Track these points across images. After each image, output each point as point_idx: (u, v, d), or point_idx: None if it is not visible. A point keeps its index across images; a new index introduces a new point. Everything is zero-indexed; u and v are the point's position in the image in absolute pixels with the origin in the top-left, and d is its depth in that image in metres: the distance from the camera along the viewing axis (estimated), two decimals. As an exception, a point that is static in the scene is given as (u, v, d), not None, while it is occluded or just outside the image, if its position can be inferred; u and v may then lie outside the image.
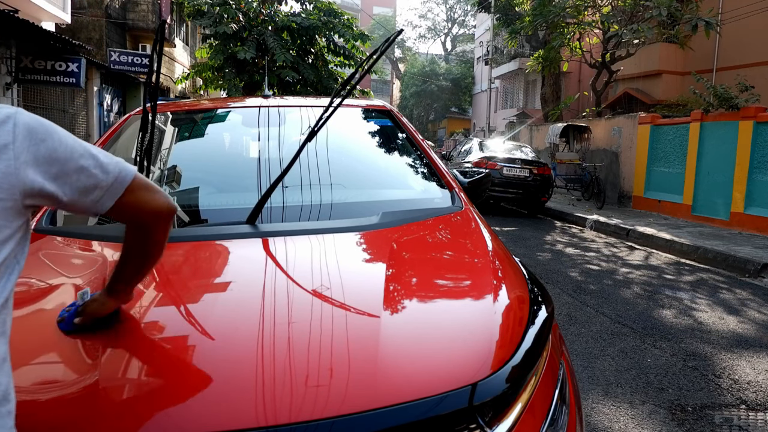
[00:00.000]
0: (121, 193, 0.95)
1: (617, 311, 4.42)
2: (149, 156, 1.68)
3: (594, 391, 2.93)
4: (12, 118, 0.83)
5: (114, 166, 0.94)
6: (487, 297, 1.33)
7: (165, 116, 2.47)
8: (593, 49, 15.34)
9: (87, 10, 13.61)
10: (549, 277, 5.53)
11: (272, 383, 0.96)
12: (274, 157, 2.14)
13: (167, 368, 1.03)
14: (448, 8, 46.42)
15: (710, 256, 6.62)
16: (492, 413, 1.02)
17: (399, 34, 1.95)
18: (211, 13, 11.24)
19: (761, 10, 13.14)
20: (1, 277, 0.81)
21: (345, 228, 1.68)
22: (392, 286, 1.32)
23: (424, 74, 39.55)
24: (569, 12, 13.60)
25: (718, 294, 5.17)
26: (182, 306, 1.25)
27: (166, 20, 3.36)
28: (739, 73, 11.12)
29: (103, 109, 14.22)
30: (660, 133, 10.70)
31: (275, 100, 2.65)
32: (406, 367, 1.03)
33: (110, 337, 1.09)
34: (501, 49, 27.10)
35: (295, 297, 1.27)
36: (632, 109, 15.60)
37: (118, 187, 0.94)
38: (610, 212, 10.44)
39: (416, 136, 2.49)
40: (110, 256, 1.50)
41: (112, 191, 0.94)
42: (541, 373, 1.19)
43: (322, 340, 1.08)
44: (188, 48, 20.30)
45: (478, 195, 2.34)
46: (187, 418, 0.90)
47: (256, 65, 11.47)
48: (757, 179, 8.26)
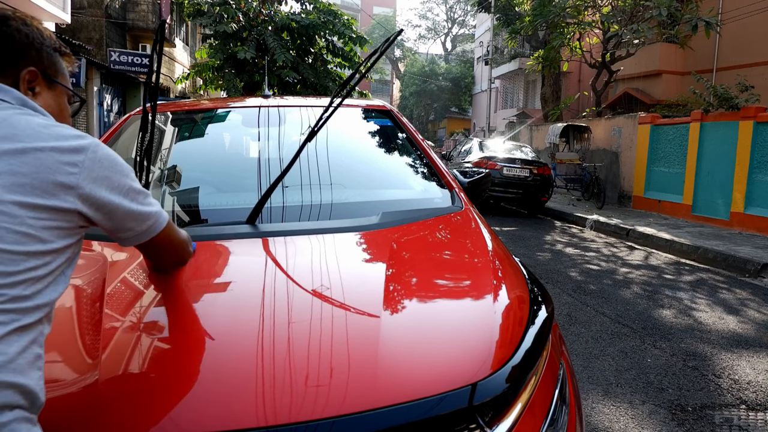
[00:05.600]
0: (147, 238, 1.06)
1: (617, 311, 4.42)
2: (149, 156, 1.68)
3: (594, 391, 2.93)
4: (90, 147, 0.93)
5: (150, 215, 1.04)
6: (487, 297, 1.33)
7: (165, 116, 2.47)
8: (593, 49, 15.34)
9: (87, 10, 13.61)
10: (549, 277, 5.53)
11: (272, 383, 0.96)
12: (274, 157, 2.14)
13: (167, 368, 1.03)
14: (448, 8, 46.43)
15: (710, 256, 6.62)
16: (492, 413, 1.02)
17: (399, 34, 1.95)
18: (211, 13, 11.25)
19: (761, 10, 13.14)
20: (47, 288, 0.86)
21: (345, 228, 1.68)
22: (392, 286, 1.32)
23: (424, 74, 39.56)
24: (569, 12, 13.59)
25: (717, 294, 5.17)
26: (182, 306, 1.25)
27: (166, 20, 3.36)
28: (739, 73, 11.11)
29: (103, 109, 14.22)
30: (660, 133, 10.70)
31: (275, 100, 2.65)
32: (406, 367, 1.03)
33: (110, 337, 1.09)
34: (501, 49, 27.10)
35: (295, 297, 1.27)
36: (632, 109, 15.60)
37: (147, 234, 1.05)
38: (610, 212, 10.44)
39: (416, 136, 2.49)
40: (110, 256, 1.50)
41: (141, 236, 1.04)
42: (541, 373, 1.19)
43: (322, 340, 1.08)
44: (188, 48, 20.30)
45: (478, 195, 2.34)
46: (187, 418, 0.90)
47: (256, 65, 11.47)
48: (757, 179, 8.26)
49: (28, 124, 0.89)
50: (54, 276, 0.88)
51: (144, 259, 1.48)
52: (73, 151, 0.90)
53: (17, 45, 0.99)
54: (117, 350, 1.06)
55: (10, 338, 0.78)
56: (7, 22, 0.99)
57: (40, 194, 0.85)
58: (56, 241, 0.88)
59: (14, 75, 0.98)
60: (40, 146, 0.87)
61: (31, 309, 0.83)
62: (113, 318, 1.17)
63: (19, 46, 0.99)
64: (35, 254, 0.84)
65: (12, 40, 0.98)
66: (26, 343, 0.81)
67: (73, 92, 1.12)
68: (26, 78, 0.99)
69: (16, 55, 0.99)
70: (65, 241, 0.90)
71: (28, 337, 0.81)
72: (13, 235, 0.82)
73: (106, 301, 1.22)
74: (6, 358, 0.77)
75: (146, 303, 1.26)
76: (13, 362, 0.77)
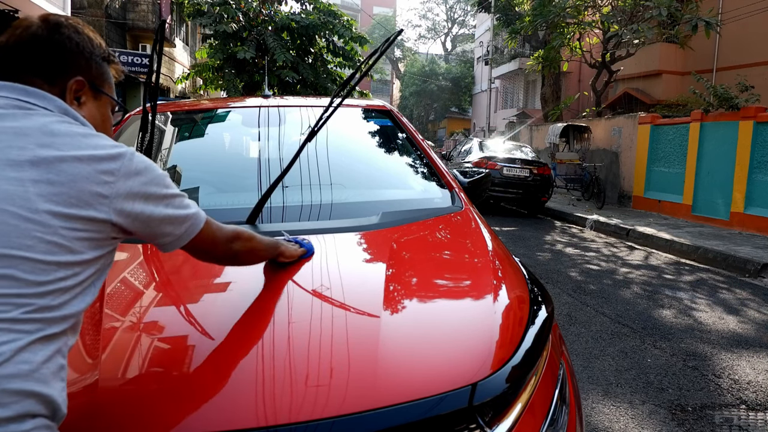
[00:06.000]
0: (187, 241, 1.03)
1: (617, 311, 4.42)
2: (149, 156, 1.68)
3: (594, 391, 2.93)
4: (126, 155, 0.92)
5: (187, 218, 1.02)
6: (487, 297, 1.33)
7: (165, 116, 2.47)
8: (593, 49, 15.34)
9: (87, 10, 13.62)
10: (549, 277, 5.53)
11: (272, 383, 0.96)
12: (274, 157, 2.14)
13: (167, 368, 1.03)
14: (448, 8, 46.43)
15: (710, 256, 6.62)
16: (492, 413, 1.02)
17: (399, 34, 1.95)
18: (211, 13, 11.24)
19: (761, 10, 13.14)
20: (74, 299, 0.86)
21: (345, 228, 1.68)
22: (392, 286, 1.32)
23: (424, 74, 39.55)
24: (569, 12, 13.59)
25: (717, 294, 5.17)
26: (182, 306, 1.25)
27: (166, 20, 3.36)
28: (739, 73, 11.11)
29: (103, 109, 14.19)
30: (660, 133, 10.70)
31: (275, 100, 2.65)
32: (406, 367, 1.03)
33: (110, 337, 1.09)
34: (501, 49, 27.10)
35: (295, 297, 1.27)
36: (632, 109, 15.60)
37: (186, 237, 1.02)
38: (610, 212, 10.44)
39: (416, 136, 2.49)
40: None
41: (180, 240, 1.02)
42: (541, 373, 1.19)
43: (322, 340, 1.08)
44: (188, 48, 20.31)
45: (478, 195, 2.34)
46: (187, 417, 0.90)
47: (256, 65, 11.47)
48: (757, 179, 8.26)
49: (67, 133, 0.88)
50: (83, 287, 0.87)
51: (144, 259, 1.48)
52: (109, 159, 0.89)
53: (68, 54, 0.96)
54: (117, 350, 1.06)
55: (35, 347, 0.78)
56: (59, 30, 0.96)
57: (75, 204, 0.85)
58: (87, 252, 0.87)
59: (62, 84, 0.96)
60: (78, 155, 0.86)
61: (58, 319, 0.82)
62: (113, 318, 1.17)
63: (70, 54, 0.96)
64: (65, 264, 0.84)
65: (63, 49, 0.95)
66: (51, 353, 0.80)
67: (117, 102, 1.09)
68: (73, 88, 0.97)
69: (66, 64, 0.96)
70: (96, 252, 0.89)
71: (53, 347, 0.81)
72: (44, 245, 0.81)
73: (106, 301, 1.22)
74: (30, 367, 0.76)
75: (146, 303, 1.26)
76: (37, 371, 0.77)
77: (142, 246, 1.52)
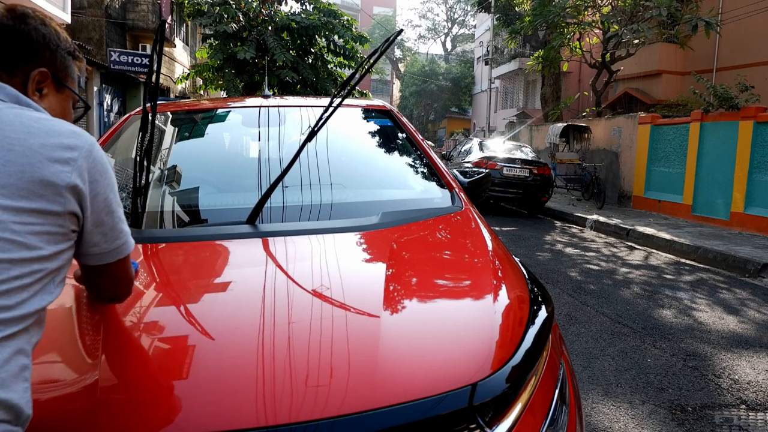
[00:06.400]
0: (111, 261, 1.00)
1: (617, 311, 4.42)
2: (149, 156, 1.68)
3: (594, 391, 2.93)
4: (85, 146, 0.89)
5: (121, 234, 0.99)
6: (487, 297, 1.33)
7: (165, 116, 2.47)
8: (593, 49, 15.34)
9: (87, 10, 13.61)
10: (549, 277, 5.53)
11: (272, 383, 0.96)
12: (274, 157, 2.14)
13: (167, 368, 1.03)
14: (448, 8, 46.42)
15: (710, 256, 6.62)
16: (492, 413, 1.02)
17: (399, 34, 1.95)
18: (211, 13, 11.25)
19: (761, 10, 13.13)
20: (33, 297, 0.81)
21: (345, 228, 1.68)
22: (392, 286, 1.32)
23: (424, 74, 39.55)
24: (569, 12, 13.59)
25: (717, 294, 5.17)
26: (182, 306, 1.25)
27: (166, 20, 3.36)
28: (739, 73, 11.10)
29: (103, 109, 14.22)
30: (660, 133, 10.70)
31: (275, 100, 2.65)
32: (406, 367, 1.03)
33: (110, 337, 1.09)
34: (501, 49, 27.09)
35: (295, 297, 1.27)
36: (632, 109, 15.60)
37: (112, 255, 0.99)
38: (610, 212, 10.44)
39: (416, 136, 2.48)
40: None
41: (105, 257, 0.98)
42: (541, 373, 1.19)
43: (322, 340, 1.08)
44: (188, 48, 20.30)
45: (478, 195, 2.34)
46: (187, 418, 0.90)
47: (256, 65, 11.47)
48: (757, 179, 8.26)
49: (16, 119, 0.84)
50: (43, 284, 0.82)
51: (144, 259, 1.48)
52: (66, 148, 0.85)
53: (33, 44, 0.95)
54: (117, 350, 1.06)
55: None
56: (25, 20, 0.95)
57: (25, 196, 0.79)
58: (45, 248, 0.82)
59: (24, 74, 0.95)
60: (28, 142, 0.82)
61: (16, 319, 0.78)
62: (113, 318, 1.17)
63: (35, 45, 0.96)
64: (20, 262, 0.79)
65: (28, 39, 0.95)
66: (9, 354, 0.75)
67: (80, 98, 1.08)
68: (36, 78, 0.96)
69: (30, 54, 0.95)
70: (56, 247, 0.84)
71: (11, 348, 0.76)
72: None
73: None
74: None
75: (146, 303, 1.26)
76: None
77: (142, 246, 1.52)
